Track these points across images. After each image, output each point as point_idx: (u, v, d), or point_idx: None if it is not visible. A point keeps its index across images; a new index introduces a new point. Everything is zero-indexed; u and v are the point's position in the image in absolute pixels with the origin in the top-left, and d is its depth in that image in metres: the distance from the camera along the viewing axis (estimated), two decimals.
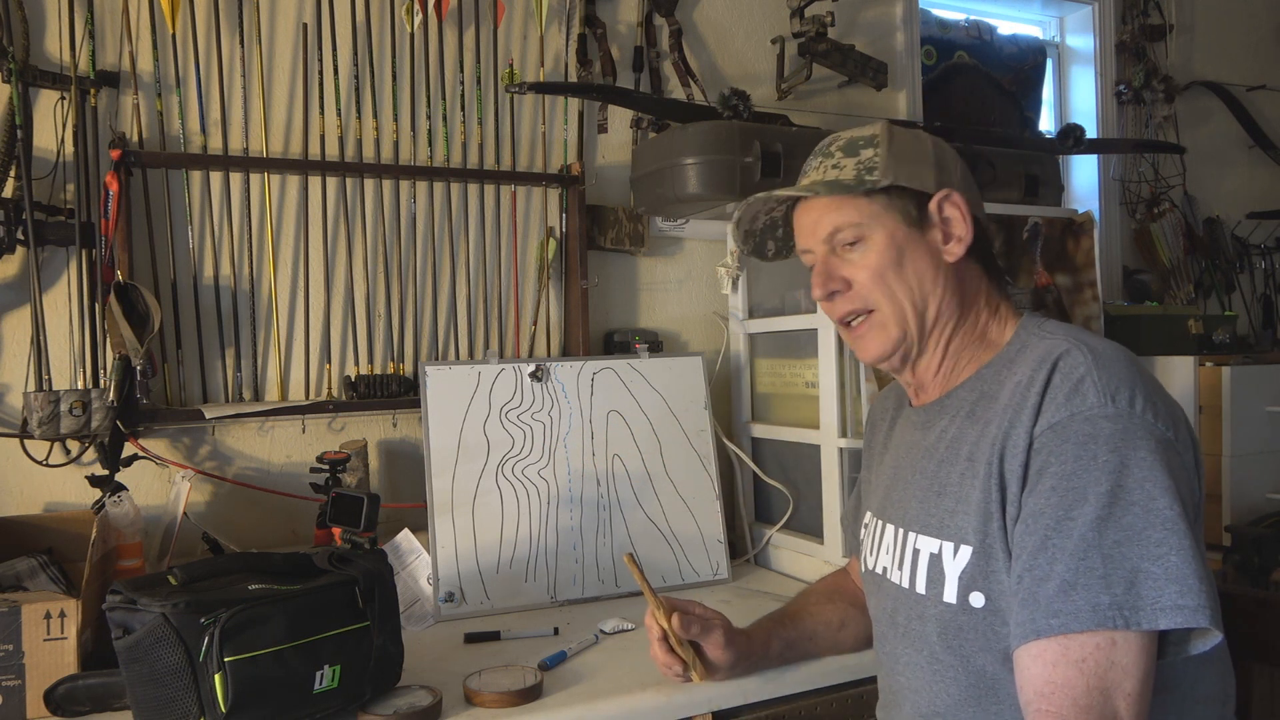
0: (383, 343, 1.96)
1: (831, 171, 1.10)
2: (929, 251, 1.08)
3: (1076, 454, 0.89)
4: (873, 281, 1.07)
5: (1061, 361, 0.95)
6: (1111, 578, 0.84)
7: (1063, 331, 1.02)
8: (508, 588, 1.57)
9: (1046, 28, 3.11)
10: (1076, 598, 0.85)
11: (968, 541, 0.97)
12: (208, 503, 1.82)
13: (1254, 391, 2.07)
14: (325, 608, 1.09)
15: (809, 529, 1.83)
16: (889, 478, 1.16)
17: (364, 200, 1.95)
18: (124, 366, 1.66)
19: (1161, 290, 2.95)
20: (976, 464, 0.98)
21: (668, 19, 2.21)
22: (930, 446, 1.08)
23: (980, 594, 0.96)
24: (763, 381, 2.04)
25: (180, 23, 1.80)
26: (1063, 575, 0.86)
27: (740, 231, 1.22)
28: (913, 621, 1.04)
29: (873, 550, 1.16)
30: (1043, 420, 0.93)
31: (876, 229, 1.07)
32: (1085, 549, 0.85)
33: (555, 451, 1.68)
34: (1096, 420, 0.89)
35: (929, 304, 1.07)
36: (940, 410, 1.09)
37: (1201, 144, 3.11)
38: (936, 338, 1.09)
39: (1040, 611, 0.87)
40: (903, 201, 1.08)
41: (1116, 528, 0.85)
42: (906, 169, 1.08)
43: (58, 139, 1.72)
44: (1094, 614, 0.84)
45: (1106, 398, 0.90)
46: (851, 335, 1.13)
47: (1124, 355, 0.96)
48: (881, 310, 1.08)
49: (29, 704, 1.13)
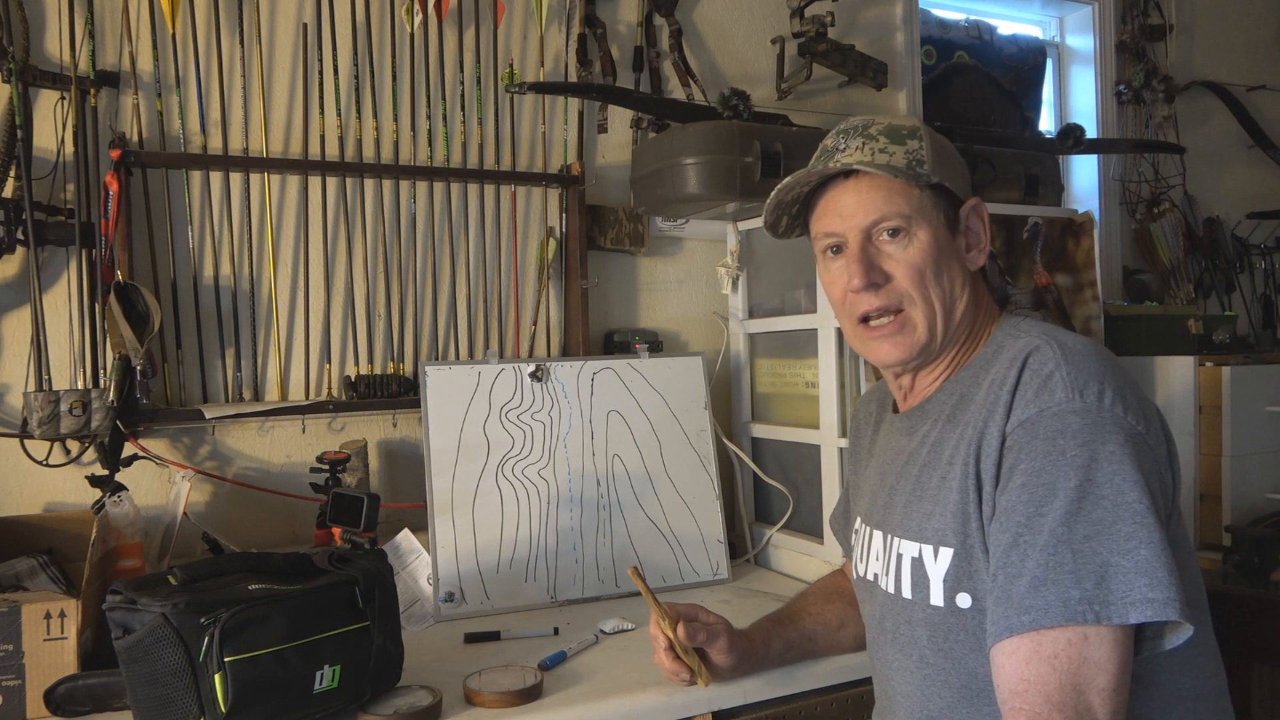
0: (383, 343, 1.96)
1: (881, 155, 1.03)
2: (959, 257, 1.06)
3: (1046, 450, 0.89)
4: (912, 279, 1.03)
5: (1031, 358, 0.95)
6: (1081, 572, 0.84)
7: (1036, 330, 1.01)
8: (508, 588, 1.57)
9: (1046, 28, 3.11)
10: (1047, 593, 0.84)
11: (948, 543, 0.97)
12: (208, 503, 1.82)
13: (1254, 391, 2.07)
14: (325, 608, 1.09)
15: (809, 529, 1.83)
16: (875, 484, 1.15)
17: (364, 200, 1.95)
18: (124, 366, 1.66)
19: (1161, 290, 2.95)
20: (955, 466, 0.98)
21: (668, 19, 2.21)
22: (914, 452, 1.07)
23: (966, 594, 0.95)
24: (763, 381, 2.04)
25: (180, 23, 1.80)
26: (1033, 571, 0.86)
27: (774, 200, 1.12)
28: (901, 626, 1.04)
29: (863, 557, 1.15)
30: (1014, 417, 0.92)
31: (922, 224, 1.03)
32: (1055, 544, 0.85)
33: (555, 451, 1.68)
34: (1065, 415, 0.89)
35: (955, 311, 1.05)
36: (922, 415, 1.08)
37: (1201, 144, 3.11)
38: (954, 343, 1.07)
39: (1012, 609, 0.86)
40: (943, 202, 1.05)
41: (1086, 522, 0.85)
42: (946, 170, 1.06)
43: (58, 139, 1.72)
44: (1064, 609, 0.83)
45: (1075, 392, 0.90)
46: (869, 334, 1.07)
47: (1094, 349, 0.95)
48: (915, 311, 1.04)
49: (29, 704, 1.13)
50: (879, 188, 1.03)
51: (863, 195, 1.04)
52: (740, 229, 2.10)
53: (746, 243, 2.11)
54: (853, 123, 1.09)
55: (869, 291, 1.04)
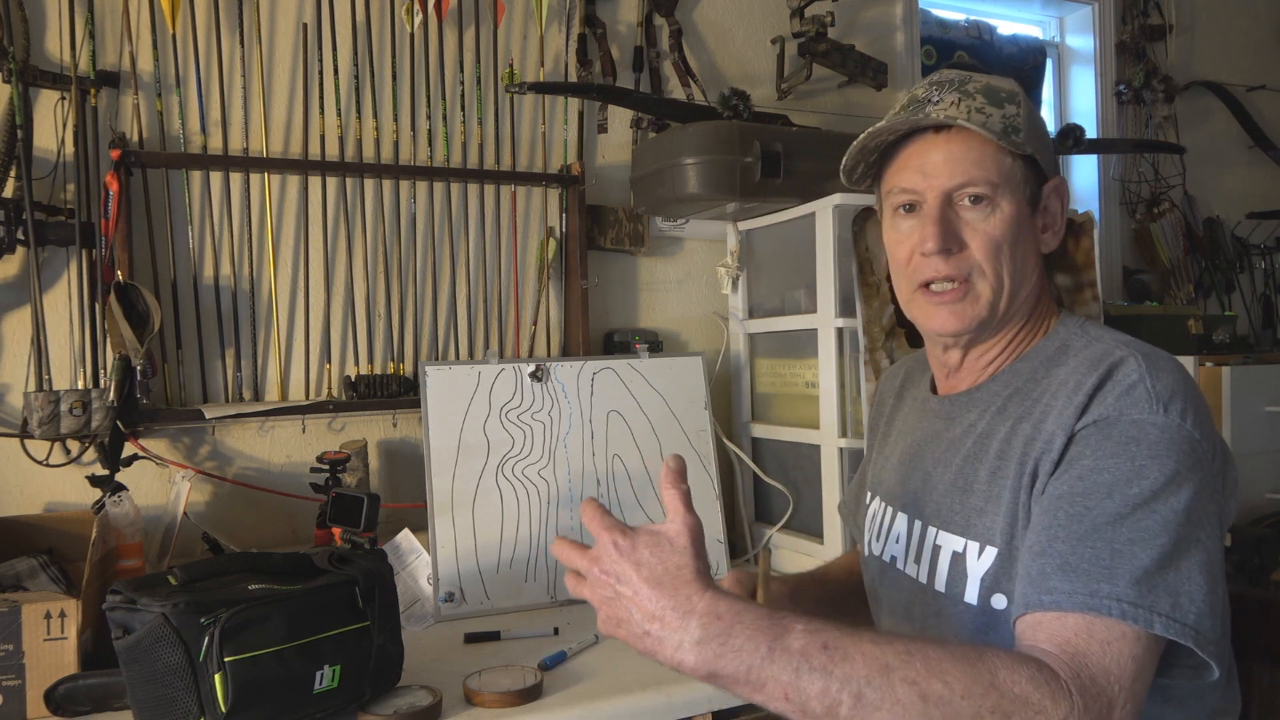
0: (383, 343, 1.96)
1: (977, 115, 0.97)
2: (1034, 237, 1.01)
3: (1115, 451, 0.86)
4: (988, 250, 0.97)
5: (1116, 370, 0.91)
6: (1116, 571, 0.81)
7: (1112, 338, 0.98)
8: (508, 588, 1.57)
9: (1046, 28, 3.11)
10: (1075, 579, 0.82)
11: (994, 543, 0.94)
12: (208, 503, 1.82)
13: (1254, 391, 2.07)
14: (325, 608, 1.09)
15: (809, 529, 1.83)
16: (903, 465, 1.12)
17: (364, 200, 1.95)
18: (124, 366, 1.66)
19: (1161, 290, 2.95)
20: (1007, 462, 0.95)
21: (668, 19, 2.21)
22: (955, 440, 1.04)
23: (1003, 596, 0.93)
24: (763, 381, 2.04)
25: (180, 23, 1.80)
26: (1066, 556, 0.84)
27: (859, 145, 1.04)
28: (929, 617, 1.01)
29: (879, 537, 1.13)
30: (1087, 417, 0.89)
31: (1008, 195, 0.97)
32: (1095, 537, 0.83)
33: (555, 451, 1.68)
34: (1144, 425, 0.87)
35: (1021, 290, 1.00)
36: (969, 403, 1.04)
37: (1201, 144, 3.10)
38: (1013, 324, 1.03)
39: (1035, 587, 0.84)
40: (1031, 176, 1.00)
41: (1134, 529, 0.83)
42: (1038, 142, 1.00)
43: (58, 139, 1.72)
44: (1091, 599, 0.81)
45: (1159, 406, 0.88)
46: (929, 299, 1.01)
47: (1177, 366, 0.93)
48: (983, 284, 0.98)
49: (29, 704, 1.13)
50: (972, 149, 0.97)
51: (954, 154, 0.97)
52: (740, 229, 2.10)
53: (746, 243, 2.11)
54: (947, 75, 1.02)
55: (940, 256, 0.98)
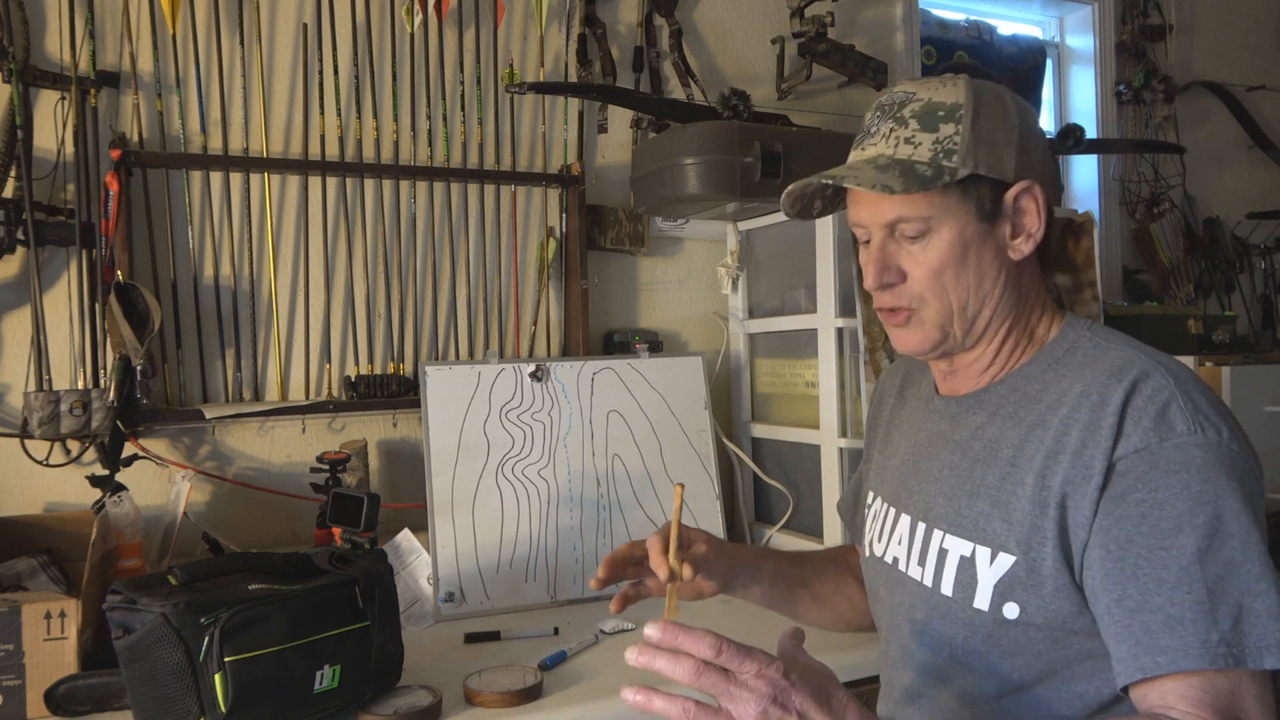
0: (383, 343, 1.96)
1: (904, 147, 0.97)
2: (995, 248, 1.00)
3: (1167, 482, 0.85)
4: (928, 280, 0.99)
5: (1142, 384, 0.90)
6: (1218, 613, 0.80)
7: (1129, 345, 0.97)
8: (508, 588, 1.57)
9: (1046, 28, 3.11)
10: (1185, 633, 0.80)
11: (1009, 550, 0.93)
12: (208, 503, 1.82)
13: (1254, 391, 2.07)
14: (325, 608, 1.09)
15: (809, 529, 1.83)
16: (905, 465, 1.11)
17: (364, 200, 1.95)
18: (124, 366, 1.66)
19: (1161, 290, 2.95)
20: (1022, 471, 0.94)
21: (668, 19, 2.21)
22: (962, 442, 1.03)
23: (1016, 605, 0.92)
24: (763, 381, 2.04)
25: (180, 23, 1.80)
26: (1167, 610, 0.82)
27: (789, 199, 1.08)
28: (934, 621, 1.00)
29: (881, 537, 1.12)
30: (1125, 444, 0.88)
31: (946, 223, 0.97)
32: (1189, 581, 0.82)
33: (555, 451, 1.68)
34: (1188, 449, 0.86)
35: (984, 306, 1.00)
36: (975, 404, 1.04)
37: (1201, 144, 3.11)
38: (990, 337, 1.02)
39: (1144, 648, 0.82)
40: (979, 191, 0.97)
41: (1217, 561, 0.82)
42: (987, 152, 0.97)
43: (58, 139, 1.72)
44: (1205, 651, 0.79)
45: (1197, 426, 0.87)
46: (887, 322, 1.05)
47: (1200, 379, 0.93)
48: (927, 309, 1.00)
49: (29, 704, 1.13)
50: None
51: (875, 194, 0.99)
52: (740, 229, 2.10)
53: (746, 243, 2.11)
54: (895, 95, 1.02)
55: (882, 290, 1.02)
